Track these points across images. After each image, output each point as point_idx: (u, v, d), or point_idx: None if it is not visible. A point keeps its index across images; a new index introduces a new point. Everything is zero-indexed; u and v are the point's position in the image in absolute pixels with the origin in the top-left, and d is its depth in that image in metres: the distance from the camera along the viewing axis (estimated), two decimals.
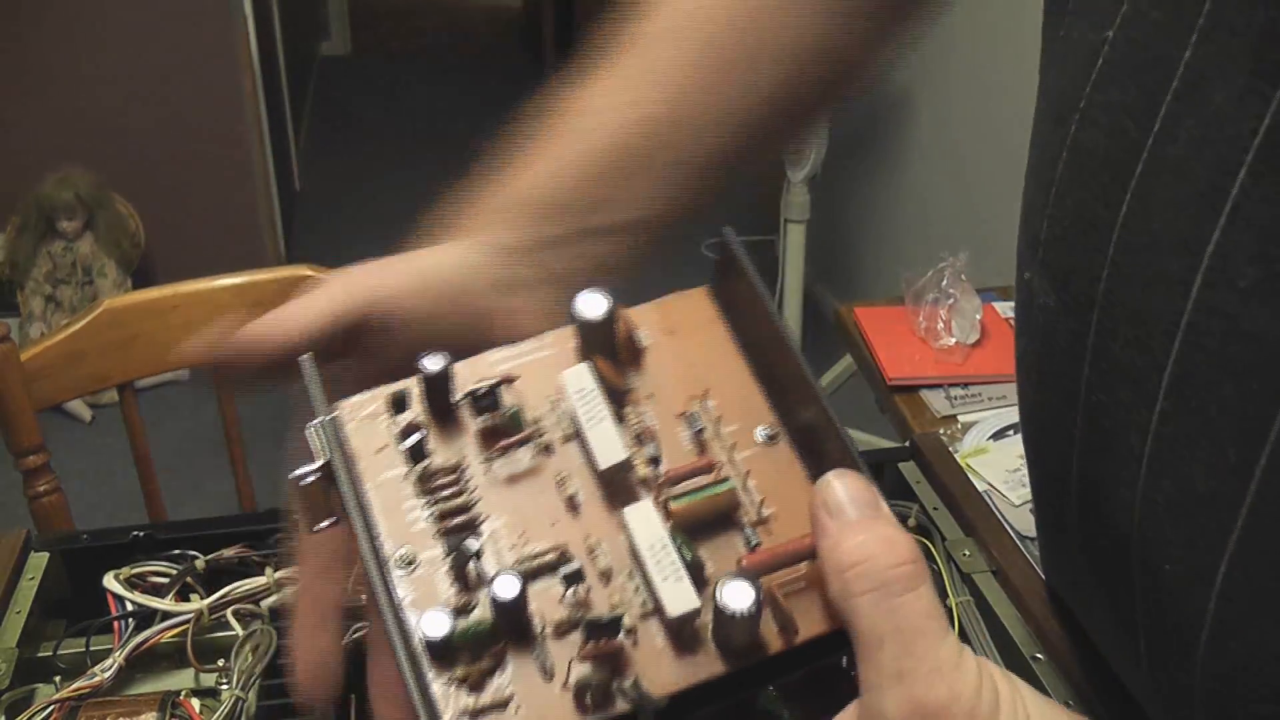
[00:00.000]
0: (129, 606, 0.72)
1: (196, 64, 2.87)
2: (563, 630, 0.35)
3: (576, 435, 0.38)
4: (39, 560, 0.76)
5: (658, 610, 0.35)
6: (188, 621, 0.71)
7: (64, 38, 2.75)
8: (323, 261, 1.33)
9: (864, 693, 0.31)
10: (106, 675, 0.67)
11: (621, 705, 0.33)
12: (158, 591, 0.74)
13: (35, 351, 1.18)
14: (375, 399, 0.40)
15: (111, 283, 2.75)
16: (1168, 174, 0.38)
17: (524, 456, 0.38)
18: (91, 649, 0.71)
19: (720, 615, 0.33)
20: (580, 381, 0.38)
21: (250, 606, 0.73)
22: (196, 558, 0.76)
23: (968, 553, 0.77)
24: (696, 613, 0.34)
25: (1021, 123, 0.52)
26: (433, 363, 0.38)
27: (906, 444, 0.82)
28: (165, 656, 0.72)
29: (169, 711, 0.65)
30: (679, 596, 0.34)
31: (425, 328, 0.48)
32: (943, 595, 0.76)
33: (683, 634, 0.34)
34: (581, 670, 0.34)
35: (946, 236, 2.26)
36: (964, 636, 0.72)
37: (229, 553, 0.77)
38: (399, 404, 0.39)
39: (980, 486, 0.41)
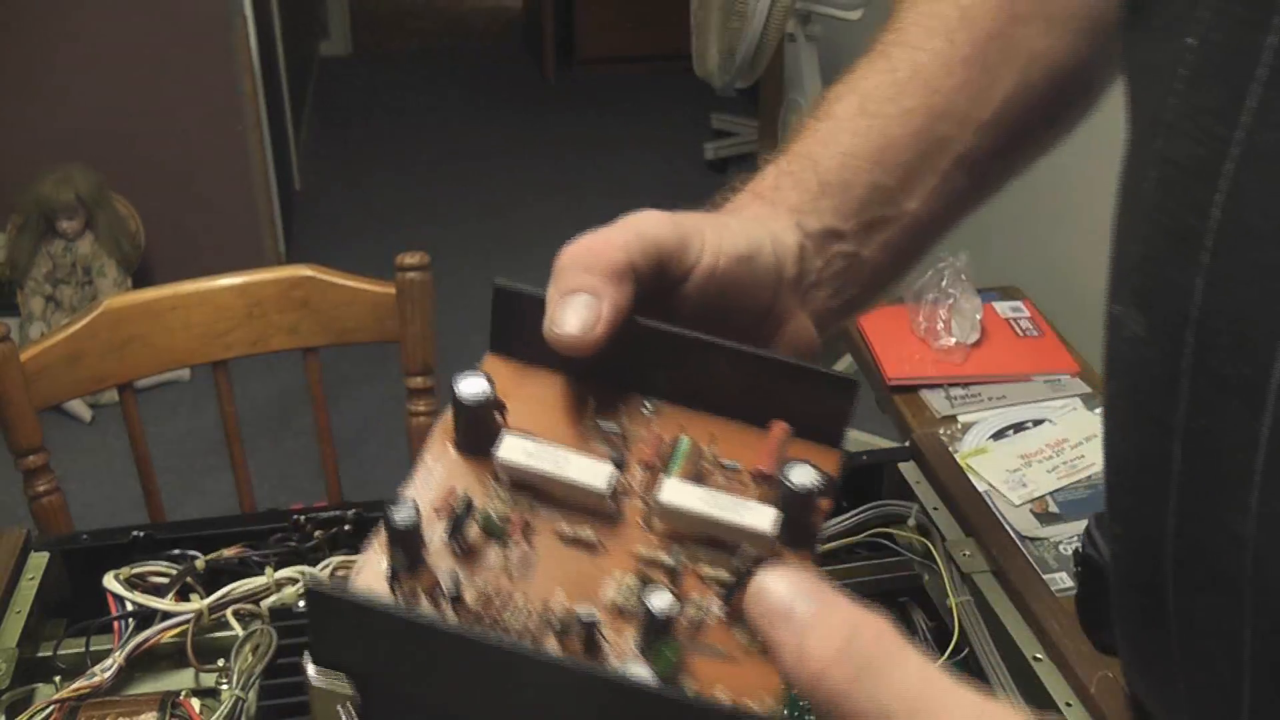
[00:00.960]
0: (129, 606, 0.72)
1: (196, 64, 2.87)
2: (700, 621, 0.37)
3: (539, 500, 0.39)
4: (39, 560, 0.76)
5: (736, 550, 0.38)
6: (188, 621, 0.71)
7: (64, 38, 2.75)
8: (323, 261, 1.34)
9: None
10: (106, 675, 0.67)
11: None
12: (158, 591, 0.74)
13: (35, 351, 1.18)
14: (365, 578, 0.37)
15: (111, 283, 2.75)
16: (1263, 161, 0.38)
17: (518, 550, 0.38)
18: (91, 649, 0.71)
19: (797, 499, 0.37)
20: (520, 447, 0.39)
21: (250, 606, 0.73)
22: (196, 558, 0.76)
23: (968, 553, 0.76)
24: (783, 518, 0.37)
25: None
26: (404, 513, 0.36)
27: (906, 444, 0.82)
28: (165, 656, 0.72)
29: (169, 711, 0.65)
30: (762, 515, 0.37)
31: (726, 299, 0.45)
32: (943, 595, 0.76)
33: (773, 549, 0.38)
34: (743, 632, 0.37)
35: (946, 236, 2.25)
36: (964, 636, 0.72)
37: (229, 553, 0.77)
38: (394, 576, 0.37)
39: (980, 486, 0.41)
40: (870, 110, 0.51)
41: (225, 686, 0.69)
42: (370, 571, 0.37)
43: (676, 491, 0.38)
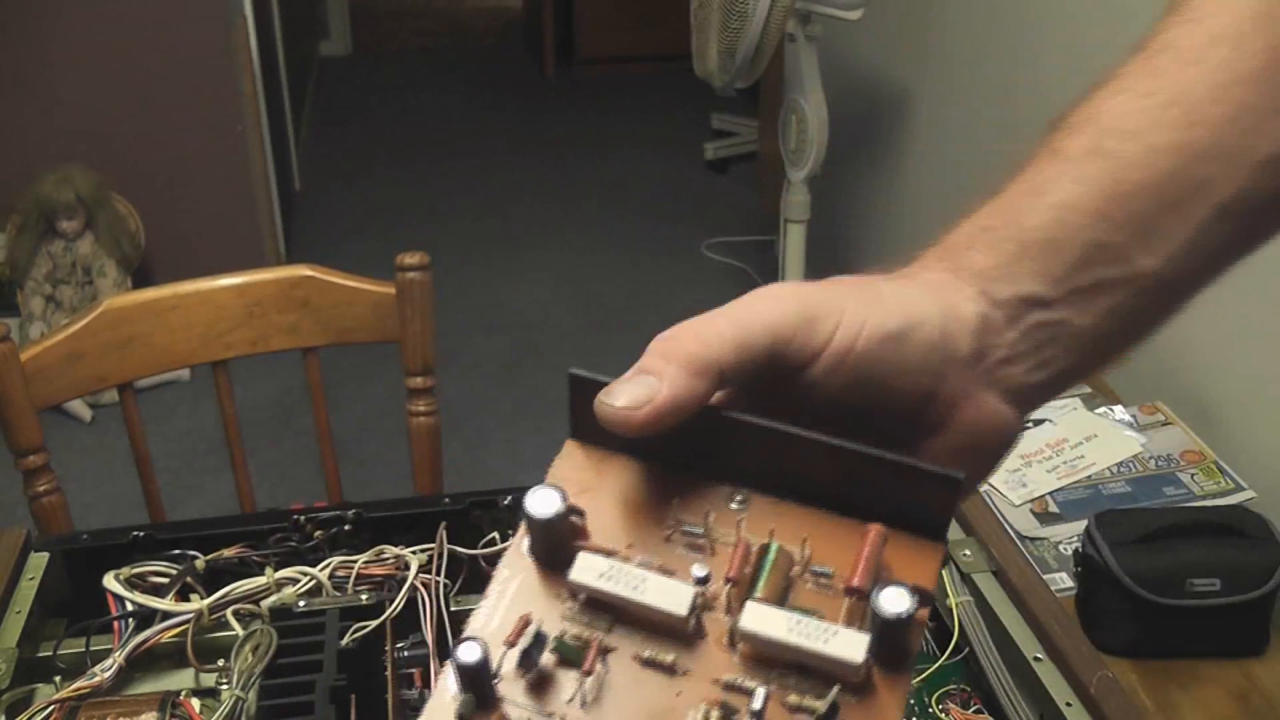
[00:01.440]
0: (129, 606, 0.72)
1: (197, 64, 2.87)
2: None
3: (616, 619, 0.38)
4: (39, 560, 0.76)
5: (826, 677, 0.36)
6: (188, 621, 0.71)
7: (64, 38, 2.75)
8: (323, 261, 1.34)
9: None
10: (106, 675, 0.67)
11: None
12: (158, 591, 0.74)
13: (35, 351, 1.18)
14: None
15: (111, 282, 2.75)
16: None
17: (597, 673, 0.37)
18: (91, 649, 0.71)
19: (889, 626, 0.35)
20: (594, 568, 0.38)
21: (250, 606, 0.73)
22: (196, 558, 0.76)
23: (968, 553, 0.76)
24: (873, 645, 0.35)
25: (1022, 122, 0.52)
26: (469, 654, 0.36)
27: None
28: (165, 656, 0.72)
29: (169, 711, 0.65)
30: (850, 643, 0.35)
31: (871, 382, 0.40)
32: (943, 595, 0.76)
33: (864, 677, 0.36)
34: None
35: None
36: (964, 636, 0.72)
37: (229, 553, 0.77)
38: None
39: (980, 487, 0.40)
40: (1106, 149, 0.43)
41: (225, 686, 0.69)
42: (437, 710, 0.37)
43: (759, 617, 0.36)
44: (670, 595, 0.37)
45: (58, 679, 0.70)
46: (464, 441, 2.59)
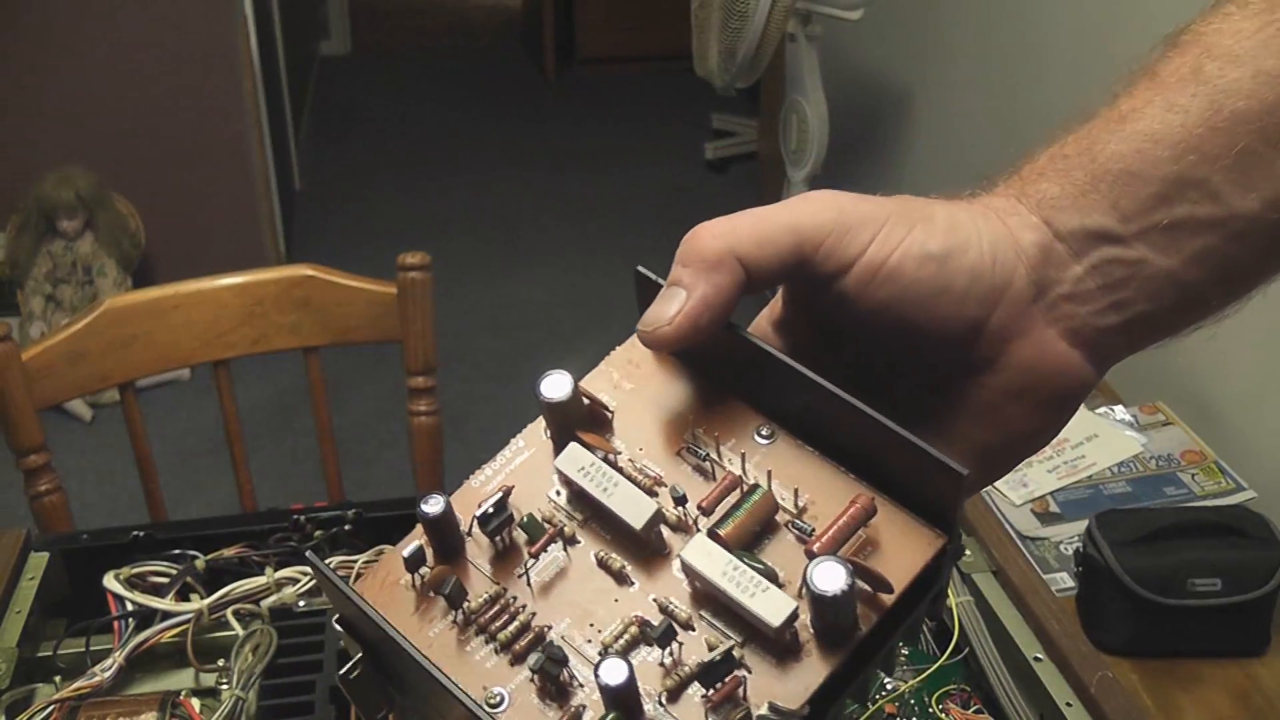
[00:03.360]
0: (129, 606, 0.72)
1: (196, 64, 2.87)
2: (676, 694, 0.35)
3: (593, 514, 0.38)
4: (39, 560, 0.76)
5: (757, 634, 0.35)
6: (188, 621, 0.71)
7: (64, 37, 2.75)
8: (323, 261, 1.34)
9: None
10: (106, 675, 0.67)
11: None
12: (158, 591, 0.74)
13: (36, 351, 1.18)
14: (387, 569, 0.39)
15: (112, 282, 2.75)
16: None
17: (555, 556, 0.38)
18: (91, 649, 0.71)
19: (821, 601, 0.33)
20: (578, 460, 0.38)
21: (250, 606, 0.73)
22: (196, 558, 0.76)
23: (968, 553, 0.76)
24: (796, 613, 0.34)
25: (1021, 121, 0.52)
26: (433, 505, 0.38)
27: None
28: (165, 656, 0.72)
29: (169, 711, 0.65)
30: (774, 605, 0.34)
31: (908, 304, 0.37)
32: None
33: (788, 640, 0.35)
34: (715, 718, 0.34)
35: None
36: (964, 636, 0.72)
37: (229, 553, 0.77)
38: (414, 560, 0.38)
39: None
40: (1206, 73, 0.38)
41: (225, 686, 0.69)
42: (398, 553, 0.38)
43: (701, 552, 0.35)
44: (632, 506, 0.37)
45: (58, 679, 0.70)
46: (464, 441, 2.59)
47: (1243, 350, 1.49)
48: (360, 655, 0.37)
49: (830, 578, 0.33)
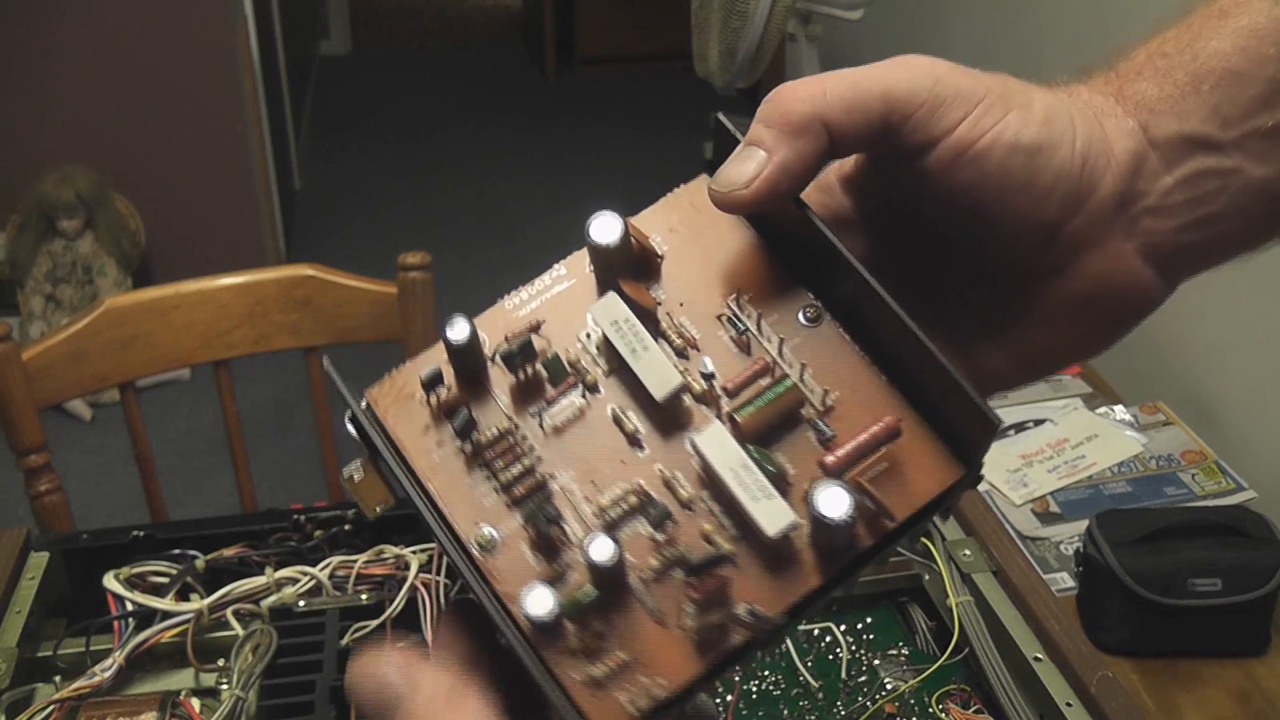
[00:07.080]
0: (129, 606, 0.72)
1: (196, 64, 2.87)
2: (662, 574, 0.34)
3: (620, 366, 0.37)
4: (39, 560, 0.76)
5: (751, 532, 0.34)
6: (188, 621, 0.71)
7: (64, 37, 2.75)
8: (323, 261, 1.34)
9: None
10: (106, 675, 0.67)
11: (740, 636, 0.33)
12: (158, 591, 0.74)
13: (36, 351, 1.18)
14: (405, 379, 0.38)
15: (112, 282, 2.75)
16: None
17: (572, 401, 0.37)
18: (91, 649, 0.71)
19: (819, 524, 0.33)
20: (612, 313, 0.36)
21: (250, 606, 0.73)
22: (196, 558, 0.76)
23: (968, 553, 0.76)
24: (795, 525, 0.33)
25: None
26: (458, 331, 0.36)
27: None
28: (165, 656, 0.72)
29: (169, 711, 0.65)
30: (774, 515, 0.33)
31: (989, 192, 0.35)
32: (943, 595, 0.76)
33: (781, 549, 0.34)
34: (692, 611, 0.33)
35: None
36: (964, 636, 0.72)
37: (229, 553, 0.77)
38: (432, 381, 0.37)
39: (981, 486, 0.40)
40: None
41: (225, 686, 0.69)
42: (417, 367, 0.38)
43: (714, 441, 0.34)
44: (658, 375, 0.35)
45: (58, 679, 0.70)
46: None
47: (1243, 350, 1.49)
48: (368, 456, 0.37)
49: (834, 504, 0.32)
